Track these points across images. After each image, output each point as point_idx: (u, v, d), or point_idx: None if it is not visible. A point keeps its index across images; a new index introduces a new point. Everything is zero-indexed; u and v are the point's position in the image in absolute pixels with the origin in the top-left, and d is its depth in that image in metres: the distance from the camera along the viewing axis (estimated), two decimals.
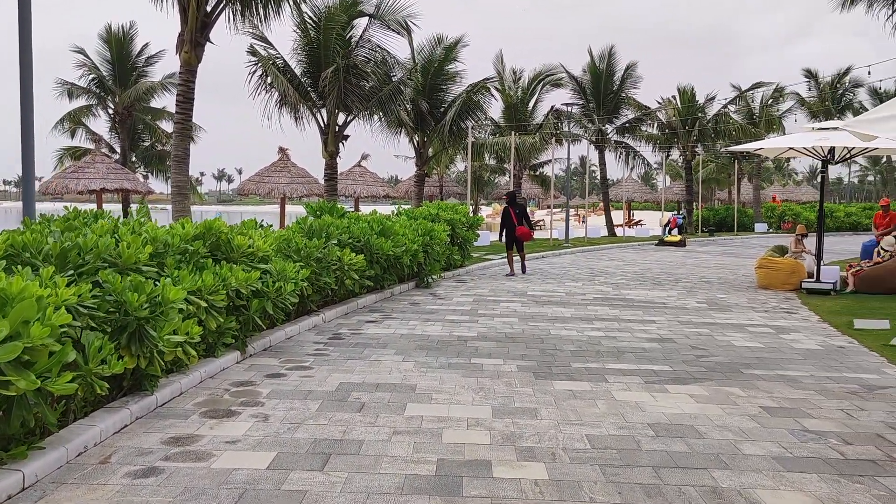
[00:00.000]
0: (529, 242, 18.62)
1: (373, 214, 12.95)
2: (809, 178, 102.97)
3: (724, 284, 15.75)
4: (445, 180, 44.15)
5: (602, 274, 17.54)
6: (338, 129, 18.94)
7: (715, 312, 11.80)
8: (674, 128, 34.42)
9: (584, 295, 13.62)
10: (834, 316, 11.61)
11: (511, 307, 11.91)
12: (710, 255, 24.08)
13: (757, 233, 38.64)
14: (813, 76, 41.27)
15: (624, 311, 11.70)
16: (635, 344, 9.07)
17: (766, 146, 14.87)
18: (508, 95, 28.15)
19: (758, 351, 8.81)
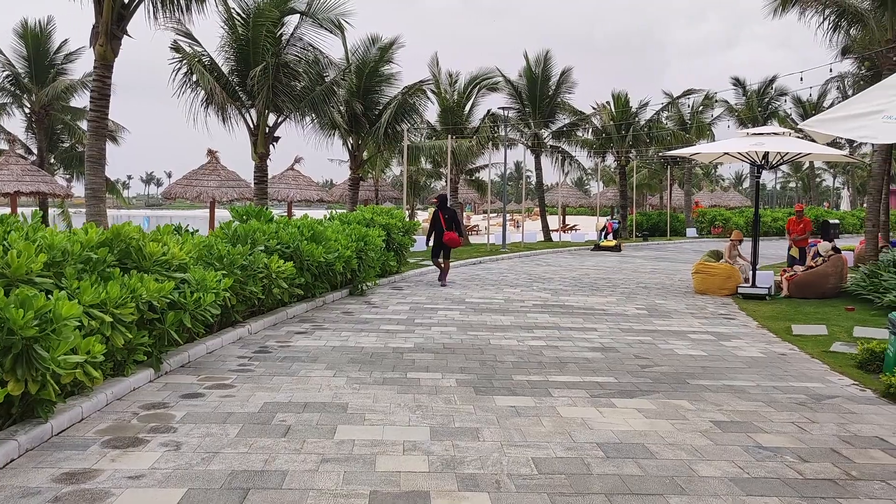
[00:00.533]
0: (463, 248, 18.24)
1: (304, 219, 12.33)
2: (736, 183, 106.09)
3: (661, 290, 15.67)
4: (381, 184, 43.53)
5: (540, 280, 17.28)
6: (268, 130, 18.19)
7: (655, 319, 11.61)
8: (609, 133, 34.65)
9: (523, 302, 13.29)
10: (772, 321, 11.56)
11: (449, 315, 11.46)
12: (646, 260, 24.18)
13: (689, 237, 39.27)
14: (741, 84, 42.30)
15: (564, 319, 11.40)
16: (578, 354, 8.73)
17: (702, 151, 14.86)
18: (444, 99, 27.79)
19: (702, 360, 8.58)
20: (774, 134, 14.49)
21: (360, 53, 22.32)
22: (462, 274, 18.25)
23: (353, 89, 22.02)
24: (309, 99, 18.04)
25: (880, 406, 6.72)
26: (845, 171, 75.70)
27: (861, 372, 8.09)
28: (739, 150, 14.23)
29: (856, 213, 48.94)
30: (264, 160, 18.08)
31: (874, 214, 15.49)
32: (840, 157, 14.28)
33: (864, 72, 25.31)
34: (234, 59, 18.14)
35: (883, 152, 15.20)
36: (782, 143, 14.03)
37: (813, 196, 59.19)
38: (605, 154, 36.53)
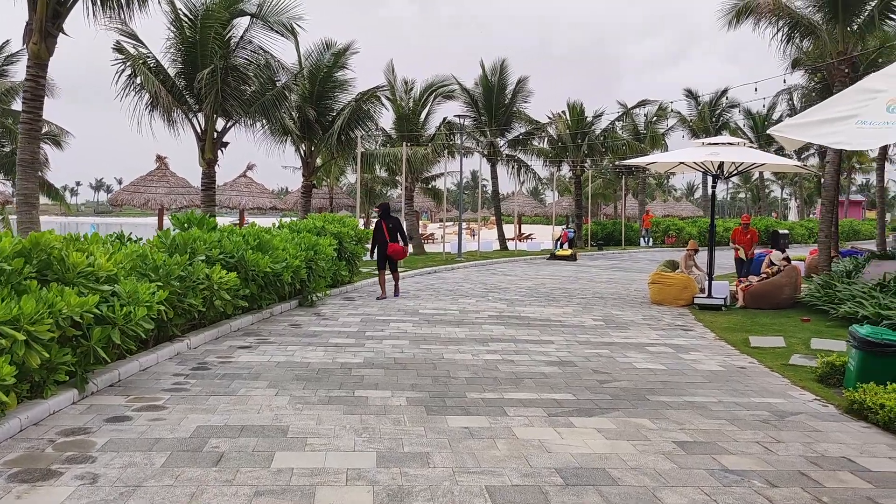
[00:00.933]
0: (418, 257, 17.77)
1: (251, 227, 11.81)
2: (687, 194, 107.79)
3: (618, 300, 15.49)
4: (336, 192, 42.93)
5: (496, 289, 16.97)
6: (216, 135, 17.57)
7: (612, 331, 11.37)
8: (564, 142, 34.66)
9: (479, 313, 12.95)
10: (729, 333, 11.41)
11: (402, 328, 11.05)
12: (601, 270, 24.10)
13: (642, 247, 39.51)
14: (693, 96, 42.84)
15: (520, 331, 11.08)
16: (534, 368, 8.40)
17: (658, 160, 14.75)
18: (400, 106, 27.41)
19: (661, 374, 8.32)
20: (729, 144, 14.45)
21: (313, 58, 21.82)
22: (417, 284, 17.86)
23: (306, 95, 21.49)
24: (259, 103, 17.49)
25: (844, 423, 6.52)
26: (793, 182, 77.40)
27: (822, 386, 7.92)
28: (695, 160, 14.15)
29: (804, 224, 49.93)
30: (212, 166, 17.46)
31: (827, 225, 15.56)
32: (793, 167, 14.29)
33: (814, 84, 25.71)
34: (181, 61, 17.49)
35: (834, 163, 15.28)
36: (737, 153, 13.98)
37: (762, 206, 60.26)
38: (560, 163, 36.53)
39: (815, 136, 5.07)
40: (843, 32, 14.80)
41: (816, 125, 5.03)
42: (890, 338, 7.43)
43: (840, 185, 17.01)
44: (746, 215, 17.77)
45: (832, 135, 4.86)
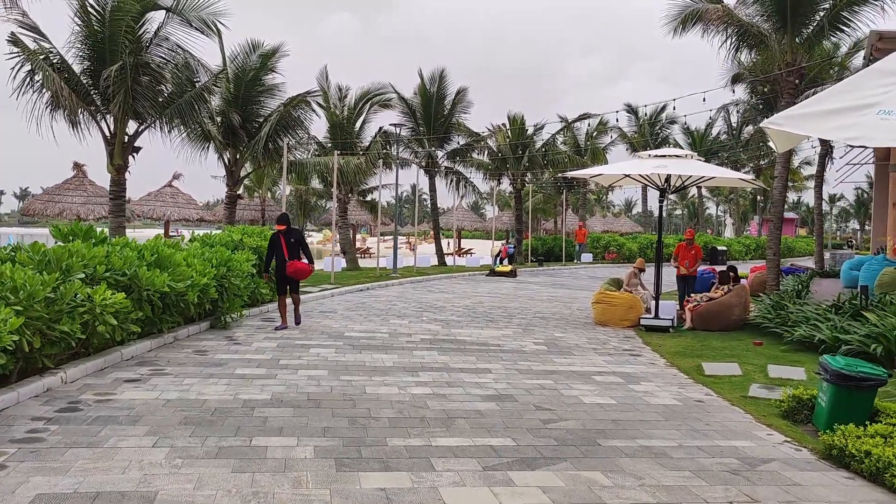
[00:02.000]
0: (351, 273, 16.53)
1: (153, 240, 10.45)
2: (626, 210, 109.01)
3: (560, 321, 14.57)
4: (269, 203, 41.30)
5: (431, 308, 15.88)
6: (127, 139, 16.06)
7: (556, 356, 10.39)
8: (504, 155, 33.93)
9: (411, 336, 11.83)
10: (680, 358, 10.56)
11: (322, 354, 9.84)
12: (542, 287, 23.26)
13: (583, 262, 39.01)
14: (633, 111, 42.77)
15: (455, 357, 10.00)
16: (469, 405, 7.32)
17: (605, 172, 13.95)
18: (334, 114, 26.15)
19: (611, 410, 7.34)
20: (676, 157, 13.75)
21: (239, 61, 20.45)
22: (346, 302, 16.63)
23: (231, 98, 20.09)
24: (175, 105, 16.06)
25: (824, 473, 5.62)
26: (728, 199, 78.73)
27: (789, 424, 7.06)
28: (642, 173, 13.38)
29: (741, 241, 50.41)
30: (122, 173, 15.93)
31: (776, 241, 14.99)
32: (742, 181, 13.67)
33: (755, 99, 25.58)
34: (87, 57, 15.94)
35: (782, 178, 14.76)
36: (685, 165, 13.28)
37: (699, 223, 60.85)
38: (500, 177, 35.77)
39: (820, 129, 4.19)
40: (792, 43, 14.30)
41: (821, 117, 4.14)
42: (866, 371, 6.61)
43: None
44: (690, 230, 17.10)
45: (845, 129, 3.97)
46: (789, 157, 14.88)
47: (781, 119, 4.70)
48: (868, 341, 9.71)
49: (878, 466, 5.37)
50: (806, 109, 4.41)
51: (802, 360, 10.28)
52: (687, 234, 16.49)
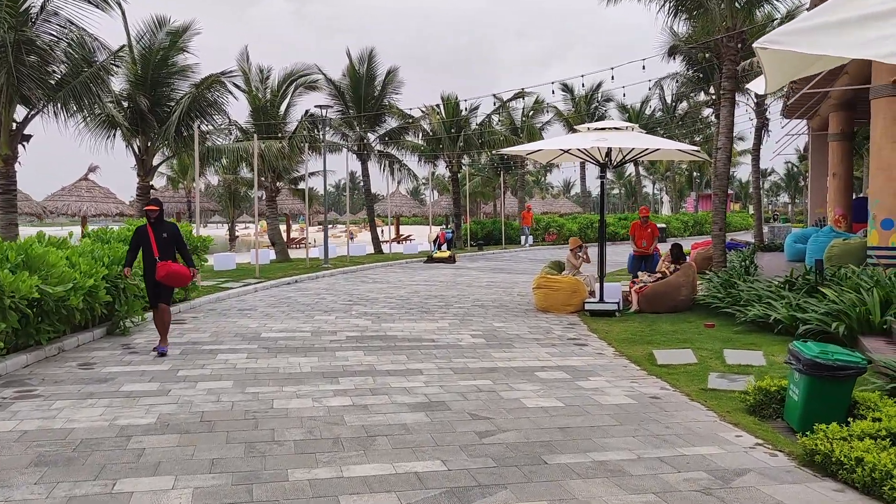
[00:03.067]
0: (279, 265, 15.05)
1: (27, 241, 9.04)
2: (565, 190, 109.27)
3: (499, 308, 13.63)
4: (195, 195, 39.38)
5: (362, 301, 14.76)
6: (15, 126, 14.39)
7: (495, 350, 9.41)
8: (439, 137, 32.84)
9: (336, 333, 10.70)
10: (629, 346, 9.71)
11: (231, 361, 8.65)
12: (481, 272, 22.34)
13: (523, 246, 38.32)
14: (569, 90, 42.17)
15: (383, 357, 8.92)
16: (393, 417, 6.26)
17: (543, 147, 13.01)
18: (256, 97, 24.60)
19: (558, 415, 6.38)
20: (616, 129, 12.89)
21: (146, 40, 18.80)
22: (270, 297, 15.37)
23: (137, 81, 18.45)
24: (70, 87, 14.45)
25: (808, 485, 4.75)
26: (664, 177, 79.43)
27: (757, 420, 6.22)
28: (581, 147, 12.48)
29: (679, 217, 50.58)
30: (10, 164, 14.24)
31: (721, 216, 14.30)
32: (685, 152, 12.90)
33: (692, 72, 25.09)
34: None
35: (726, 150, 14.09)
36: (626, 138, 12.43)
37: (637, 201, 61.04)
38: (436, 160, 34.69)
39: (837, 45, 3.19)
40: (732, 7, 13.57)
41: (834, 29, 3.15)
42: (843, 358, 5.79)
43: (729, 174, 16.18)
44: (645, 207, 16.28)
45: (877, 43, 3.01)
46: (732, 126, 14.22)
47: (781, 36, 3.67)
48: (828, 320, 9.00)
49: (872, 477, 4.52)
50: (815, 21, 3.40)
51: (758, 342, 9.54)
52: (641, 212, 15.64)
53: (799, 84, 16.52)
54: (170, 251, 9.03)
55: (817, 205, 25.04)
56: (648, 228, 15.00)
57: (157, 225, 9.01)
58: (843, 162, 18.78)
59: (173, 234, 9.09)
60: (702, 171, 68.76)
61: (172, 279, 8.99)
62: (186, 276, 9.15)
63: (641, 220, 15.12)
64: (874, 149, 12.12)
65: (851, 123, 18.76)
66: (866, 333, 8.73)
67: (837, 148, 18.80)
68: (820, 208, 24.99)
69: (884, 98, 11.95)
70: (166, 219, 9.50)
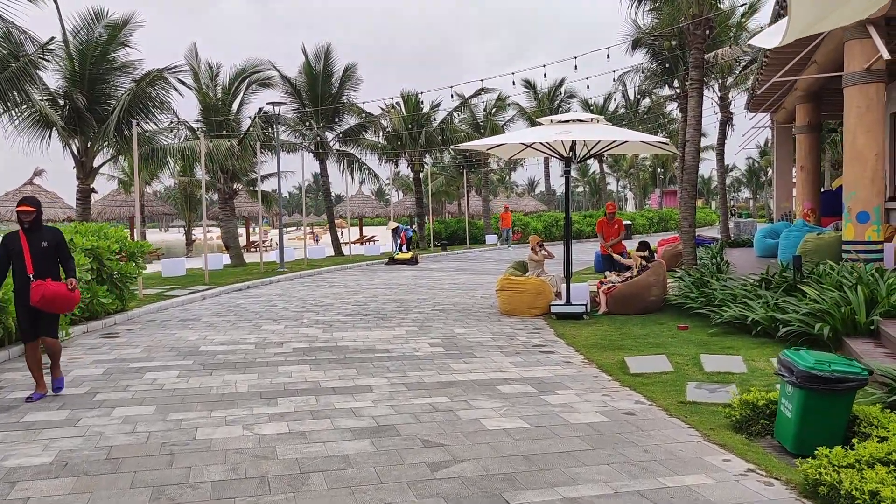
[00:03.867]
0: (231, 271, 13.95)
1: None
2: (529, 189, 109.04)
3: (461, 312, 12.86)
4: (149, 199, 38.00)
5: (316, 307, 13.88)
6: None
7: (454, 361, 8.63)
8: (400, 136, 31.98)
9: (282, 345, 9.83)
10: (599, 352, 9.00)
11: (159, 381, 7.74)
12: (444, 274, 21.56)
13: (489, 245, 37.66)
14: (532, 86, 41.58)
15: (331, 372, 8.09)
16: (333, 447, 5.45)
17: (506, 141, 12.27)
18: (206, 95, 23.51)
19: (522, 438, 5.62)
20: (580, 121, 12.20)
21: (83, 35, 17.65)
22: (218, 306, 14.41)
23: (74, 78, 17.31)
24: None
25: None
26: (628, 174, 79.50)
27: (744, 439, 5.54)
28: (544, 140, 11.77)
29: (644, 214, 50.37)
30: None
31: (690, 212, 13.69)
32: (653, 145, 12.27)
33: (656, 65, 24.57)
34: None
35: (694, 142, 13.50)
36: (591, 130, 11.75)
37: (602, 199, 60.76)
38: (397, 159, 33.84)
39: None
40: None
41: None
42: (841, 369, 5.12)
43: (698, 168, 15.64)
44: (612, 203, 15.60)
45: None
46: (700, 117, 13.63)
47: None
48: (811, 321, 8.39)
49: None
50: None
51: (736, 345, 8.90)
52: (608, 208, 14.99)
53: (766, 75, 16.06)
54: (50, 266, 6.98)
55: (783, 199, 24.73)
56: (615, 225, 14.37)
57: (32, 231, 6.92)
58: (811, 154, 18.37)
59: (55, 244, 7.03)
60: (666, 167, 68.86)
61: (51, 303, 6.85)
62: (69, 300, 6.98)
63: (608, 217, 14.48)
64: (848, 139, 11.59)
65: (818, 115, 18.36)
66: (852, 335, 8.13)
67: (805, 140, 18.39)
68: (786, 202, 24.69)
69: (857, 86, 11.41)
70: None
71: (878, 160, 11.30)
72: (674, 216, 51.05)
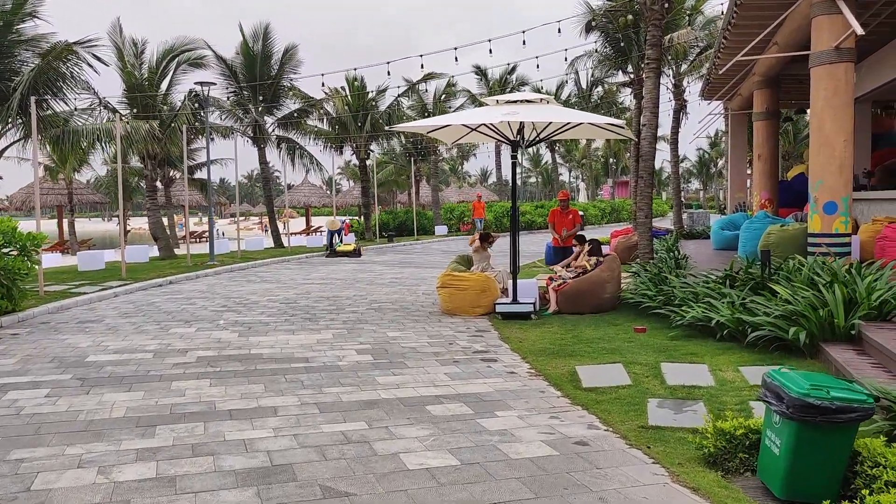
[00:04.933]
0: (157, 263, 12.55)
1: None
2: (482, 179, 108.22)
3: (399, 312, 11.71)
4: (77, 186, 35.85)
5: (239, 306, 12.58)
6: None
7: (382, 373, 7.47)
8: (344, 122, 30.57)
9: (186, 353, 8.54)
10: (547, 360, 7.93)
11: (20, 403, 6.41)
12: (387, 267, 20.36)
13: (438, 236, 36.55)
14: (483, 73, 40.52)
15: (233, 389, 6.85)
16: (205, 500, 4.23)
17: (444, 122, 11.11)
18: (131, 74, 21.83)
19: (449, 483, 4.49)
20: (528, 101, 11.12)
21: None
22: (129, 304, 12.97)
23: None
24: None
25: None
26: (580, 164, 79.20)
27: (720, 478, 4.50)
28: (490, 122, 10.65)
29: (596, 205, 49.83)
30: None
31: (647, 202, 12.71)
32: (607, 128, 11.25)
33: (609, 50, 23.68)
34: None
35: (651, 127, 12.54)
36: (540, 111, 10.67)
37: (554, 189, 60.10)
38: (342, 146, 32.41)
39: None
40: None
41: None
42: (842, 396, 4.10)
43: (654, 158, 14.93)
44: (565, 192, 14.52)
45: None
46: (657, 100, 12.68)
47: None
48: (784, 324, 7.44)
49: None
50: None
51: (699, 351, 7.92)
52: (561, 196, 13.90)
53: (725, 57, 15.21)
54: None
55: (737, 189, 24.11)
56: (569, 215, 13.36)
57: None
58: (769, 142, 17.63)
59: None
60: (618, 157, 68.60)
61: None
62: None
63: (561, 206, 13.45)
64: (815, 123, 10.73)
65: (777, 102, 17.62)
66: (829, 340, 7.21)
67: (763, 128, 17.63)
68: (740, 192, 24.09)
69: (825, 66, 10.54)
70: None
71: (846, 147, 10.46)
72: (626, 207, 50.66)
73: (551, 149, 62.65)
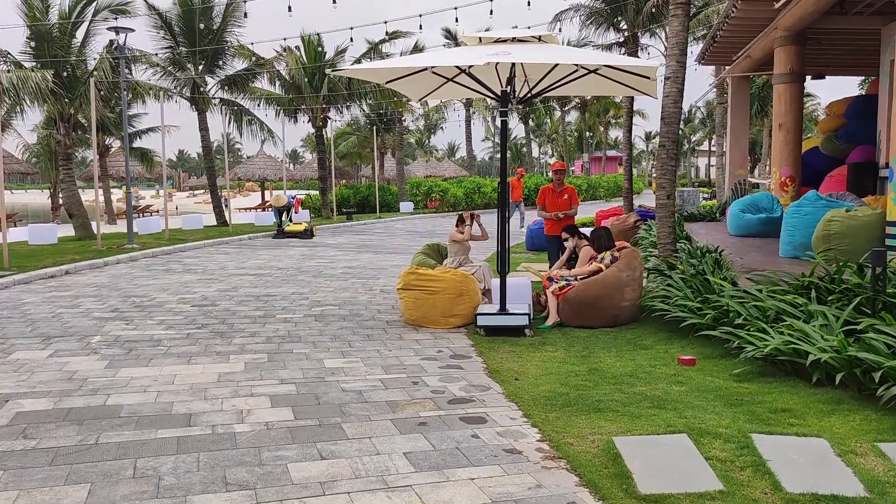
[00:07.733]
0: (56, 246, 9.50)
1: None
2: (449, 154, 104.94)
3: (346, 321, 8.78)
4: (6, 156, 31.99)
5: (136, 309, 9.54)
6: None
7: (297, 455, 4.53)
8: (299, 85, 27.29)
9: (7, 402, 5.53)
10: (565, 419, 5.08)
11: None
12: (341, 251, 17.36)
13: (403, 213, 33.54)
14: (453, 37, 37.32)
15: (30, 498, 3.87)
16: None
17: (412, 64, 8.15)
18: (36, 20, 18.38)
19: None
20: (520, 41, 8.16)
21: None
22: None
23: None
24: None
25: None
26: (550, 139, 76.47)
27: None
28: (470, 64, 7.71)
29: (571, 181, 47.16)
30: None
31: (669, 178, 9.82)
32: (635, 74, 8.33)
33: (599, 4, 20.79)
34: None
35: (677, 81, 9.71)
36: (539, 51, 7.76)
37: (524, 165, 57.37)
38: (296, 112, 29.12)
39: None
40: None
41: None
42: None
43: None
44: (560, 162, 11.55)
45: None
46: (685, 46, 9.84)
47: None
48: None
49: None
50: None
51: (794, 405, 5.15)
52: (554, 167, 10.88)
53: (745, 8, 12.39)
54: None
55: (738, 166, 21.51)
56: (564, 194, 10.47)
57: None
58: (793, 110, 14.89)
59: None
60: (593, 130, 66.03)
61: None
62: None
63: (555, 183, 10.55)
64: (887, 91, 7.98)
65: (803, 61, 14.89)
66: None
67: (785, 92, 14.87)
68: (740, 170, 21.50)
69: None
70: None
71: None
72: (603, 184, 48.07)
73: (524, 120, 59.70)
